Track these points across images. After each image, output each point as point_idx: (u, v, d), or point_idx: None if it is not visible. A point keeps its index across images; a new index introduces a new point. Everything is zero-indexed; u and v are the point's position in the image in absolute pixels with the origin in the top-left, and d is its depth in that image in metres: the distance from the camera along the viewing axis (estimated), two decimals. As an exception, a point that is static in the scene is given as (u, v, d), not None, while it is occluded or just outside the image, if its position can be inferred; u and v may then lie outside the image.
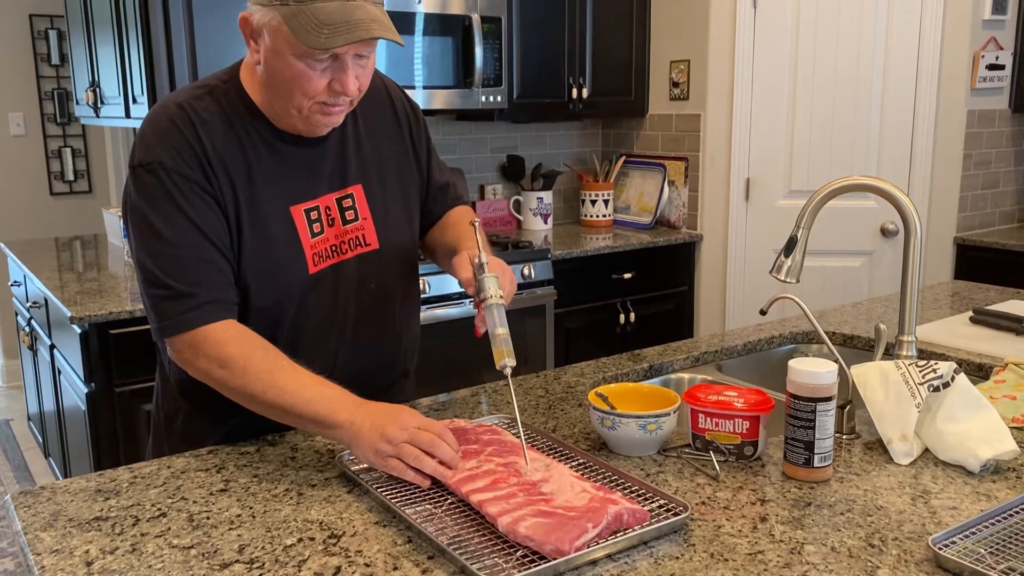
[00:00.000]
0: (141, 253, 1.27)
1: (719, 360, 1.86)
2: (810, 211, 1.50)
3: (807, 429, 1.19)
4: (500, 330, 1.24)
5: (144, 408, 2.51)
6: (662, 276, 3.74)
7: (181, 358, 1.28)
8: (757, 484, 1.19)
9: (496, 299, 1.26)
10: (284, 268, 1.33)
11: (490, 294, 1.26)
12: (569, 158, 4.17)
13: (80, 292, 2.64)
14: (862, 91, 3.45)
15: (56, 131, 4.87)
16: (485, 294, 1.27)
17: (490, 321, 1.26)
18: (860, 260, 3.59)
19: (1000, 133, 3.64)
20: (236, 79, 1.33)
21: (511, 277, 1.34)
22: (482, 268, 1.29)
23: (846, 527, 1.07)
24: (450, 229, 1.54)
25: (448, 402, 1.55)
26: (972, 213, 3.63)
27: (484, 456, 1.19)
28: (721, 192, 3.68)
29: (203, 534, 1.07)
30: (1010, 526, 1.05)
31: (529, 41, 3.53)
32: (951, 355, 1.77)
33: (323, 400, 1.21)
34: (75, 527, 1.09)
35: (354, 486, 1.19)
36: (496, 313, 1.25)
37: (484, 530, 1.04)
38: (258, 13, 1.22)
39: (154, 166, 1.25)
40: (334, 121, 1.31)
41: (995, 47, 3.47)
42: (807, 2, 3.44)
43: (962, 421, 1.27)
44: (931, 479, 1.21)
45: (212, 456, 1.31)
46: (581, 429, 1.41)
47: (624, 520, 1.03)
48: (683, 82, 3.73)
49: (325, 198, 1.37)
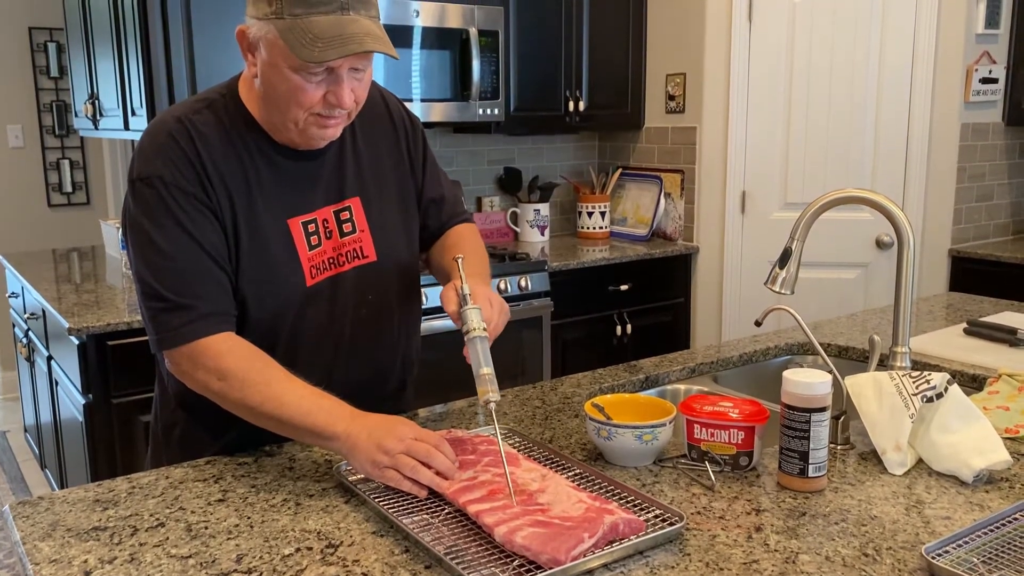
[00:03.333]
0: (140, 266, 1.28)
1: (715, 371, 1.87)
2: (804, 223, 1.51)
3: (802, 439, 1.19)
4: (484, 368, 1.21)
5: (141, 420, 2.51)
6: (658, 288, 3.75)
7: (179, 370, 1.29)
8: (752, 494, 1.20)
9: (479, 331, 1.24)
10: (281, 280, 1.33)
11: (472, 327, 1.24)
12: (566, 170, 4.18)
13: (78, 304, 2.65)
14: (856, 104, 3.48)
15: (55, 143, 4.88)
16: (467, 327, 1.25)
17: (473, 355, 1.24)
18: (855, 272, 3.60)
19: (994, 146, 3.66)
20: (235, 92, 1.34)
21: (500, 307, 1.32)
22: (465, 300, 1.28)
23: (840, 537, 1.08)
24: (448, 252, 1.53)
25: (445, 413, 1.56)
26: (967, 225, 3.65)
27: (481, 466, 1.19)
28: (717, 204, 3.70)
29: (201, 544, 1.07)
30: (1003, 535, 1.06)
31: (526, 54, 3.55)
32: (945, 366, 1.78)
33: (320, 411, 1.21)
34: (73, 537, 1.09)
35: (351, 496, 1.20)
36: (480, 346, 1.23)
37: (481, 540, 1.05)
38: (254, 27, 1.23)
39: (153, 180, 1.26)
40: (331, 134, 1.32)
41: (988, 61, 3.50)
42: (802, 16, 3.47)
43: (955, 431, 1.28)
44: (925, 489, 1.22)
45: (210, 466, 1.31)
46: (577, 440, 1.42)
47: (620, 530, 1.03)
48: (679, 95, 3.75)
49: (323, 211, 1.38)
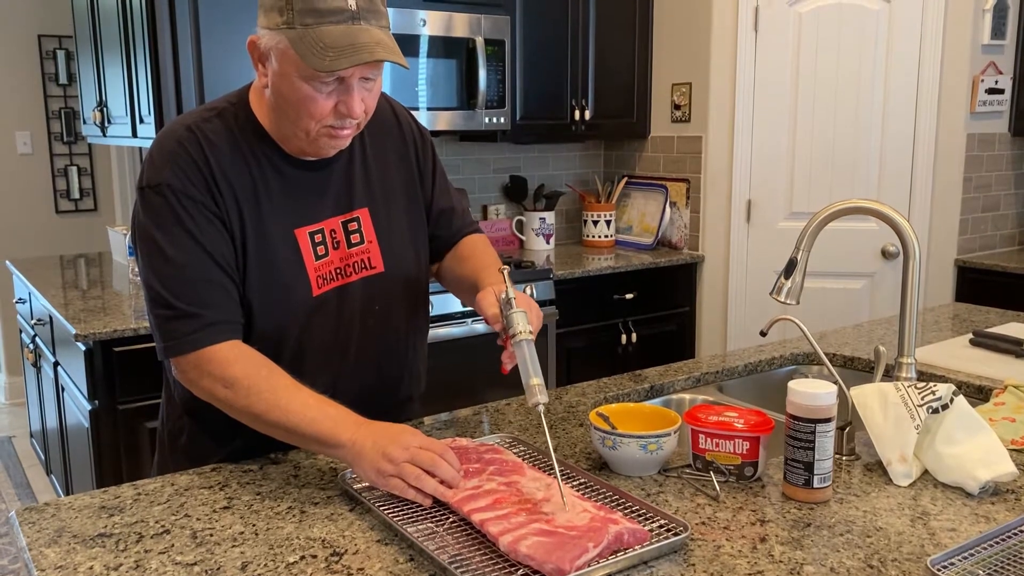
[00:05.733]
0: (148, 273, 1.28)
1: (720, 381, 1.87)
2: (810, 233, 1.52)
3: (807, 450, 1.19)
4: (533, 373, 1.20)
5: (147, 426, 2.51)
6: (664, 297, 3.75)
7: (186, 378, 1.29)
8: (757, 505, 1.20)
9: (525, 335, 1.24)
10: (288, 290, 1.34)
11: (519, 330, 1.24)
12: (571, 179, 4.19)
13: (84, 310, 2.66)
14: (862, 114, 3.48)
15: (63, 150, 4.91)
16: (514, 330, 1.24)
17: (520, 358, 1.23)
18: (861, 282, 3.60)
19: (1000, 156, 3.66)
20: (245, 102, 1.35)
21: (538, 312, 1.32)
22: (510, 304, 1.27)
23: (845, 548, 1.07)
24: (467, 262, 1.52)
25: (450, 421, 1.56)
26: (973, 236, 3.64)
27: (486, 475, 1.20)
28: (722, 213, 3.70)
29: (206, 551, 1.07)
30: (1008, 548, 1.05)
31: (532, 63, 3.56)
32: (951, 377, 1.77)
33: (326, 419, 1.22)
34: (79, 543, 1.10)
35: (356, 504, 1.20)
36: (527, 349, 1.22)
37: (485, 549, 1.05)
38: (265, 37, 1.24)
39: (162, 188, 1.27)
40: (341, 144, 1.32)
41: (994, 71, 3.50)
42: (808, 26, 3.48)
43: (961, 443, 1.28)
44: (930, 501, 1.22)
45: (215, 474, 1.32)
46: (582, 449, 1.42)
47: (624, 540, 1.03)
48: (685, 104, 3.76)
49: (330, 221, 1.38)
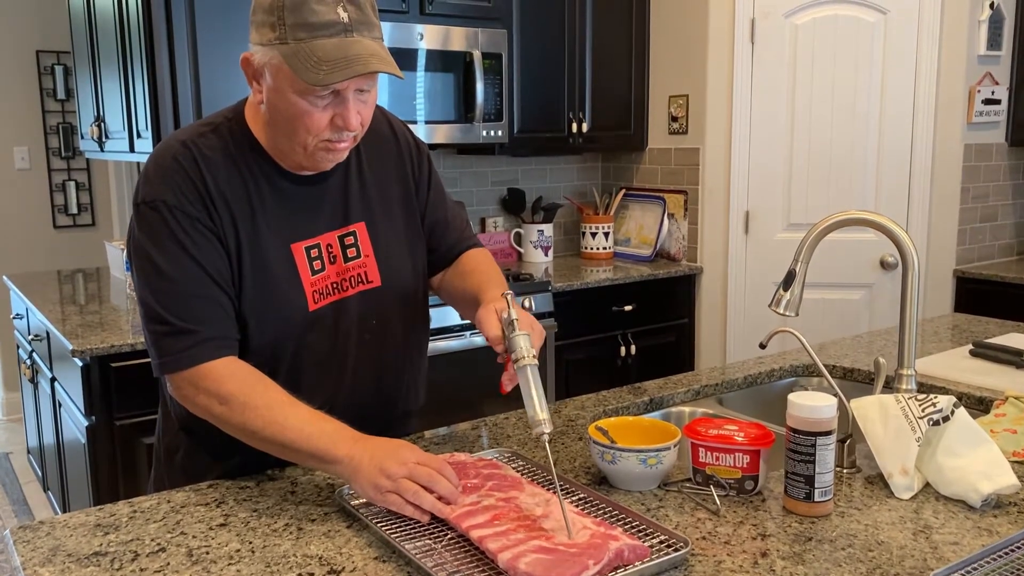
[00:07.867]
0: (143, 289, 1.28)
1: (720, 393, 1.86)
2: (808, 245, 1.51)
3: (807, 463, 1.19)
4: (537, 401, 1.17)
5: (144, 442, 2.50)
6: (662, 308, 3.74)
7: (181, 394, 1.29)
8: (758, 519, 1.19)
9: (529, 359, 1.20)
10: (284, 305, 1.33)
11: (523, 354, 1.20)
12: (569, 191, 4.19)
13: (82, 325, 2.65)
14: (859, 125, 3.49)
15: (60, 165, 4.91)
16: (518, 354, 1.20)
17: (524, 383, 1.19)
18: (860, 293, 3.60)
19: (997, 167, 3.66)
20: (241, 117, 1.35)
21: (540, 332, 1.28)
22: (512, 326, 1.23)
23: (847, 562, 1.07)
24: (468, 276, 1.49)
25: (448, 435, 1.55)
26: (971, 246, 3.64)
27: (484, 491, 1.19)
28: (720, 225, 3.70)
29: (202, 569, 1.06)
30: (1012, 561, 1.04)
31: (529, 76, 3.57)
32: (951, 388, 1.77)
33: (322, 435, 1.21)
34: (74, 562, 1.08)
35: (354, 521, 1.19)
36: (531, 375, 1.19)
37: (484, 566, 1.04)
38: (259, 53, 1.24)
39: (157, 203, 1.26)
40: (339, 157, 1.32)
41: (991, 82, 3.51)
42: (804, 38, 3.49)
43: (962, 455, 1.27)
44: (932, 513, 1.21)
45: (212, 490, 1.31)
46: (582, 463, 1.41)
47: (625, 556, 1.02)
48: (682, 116, 3.76)
49: (326, 236, 1.38)
